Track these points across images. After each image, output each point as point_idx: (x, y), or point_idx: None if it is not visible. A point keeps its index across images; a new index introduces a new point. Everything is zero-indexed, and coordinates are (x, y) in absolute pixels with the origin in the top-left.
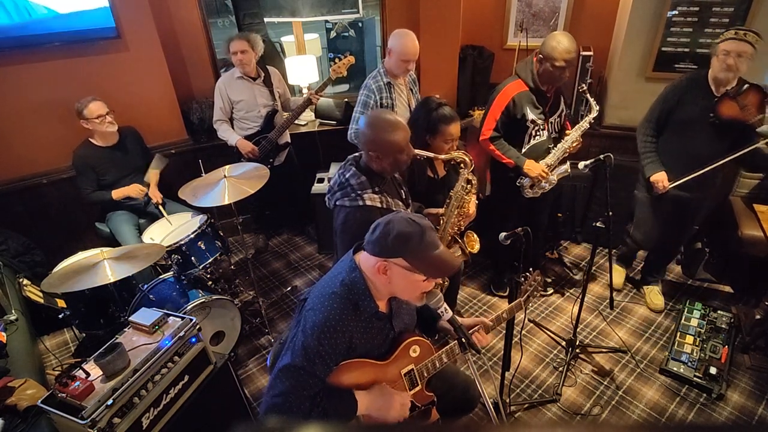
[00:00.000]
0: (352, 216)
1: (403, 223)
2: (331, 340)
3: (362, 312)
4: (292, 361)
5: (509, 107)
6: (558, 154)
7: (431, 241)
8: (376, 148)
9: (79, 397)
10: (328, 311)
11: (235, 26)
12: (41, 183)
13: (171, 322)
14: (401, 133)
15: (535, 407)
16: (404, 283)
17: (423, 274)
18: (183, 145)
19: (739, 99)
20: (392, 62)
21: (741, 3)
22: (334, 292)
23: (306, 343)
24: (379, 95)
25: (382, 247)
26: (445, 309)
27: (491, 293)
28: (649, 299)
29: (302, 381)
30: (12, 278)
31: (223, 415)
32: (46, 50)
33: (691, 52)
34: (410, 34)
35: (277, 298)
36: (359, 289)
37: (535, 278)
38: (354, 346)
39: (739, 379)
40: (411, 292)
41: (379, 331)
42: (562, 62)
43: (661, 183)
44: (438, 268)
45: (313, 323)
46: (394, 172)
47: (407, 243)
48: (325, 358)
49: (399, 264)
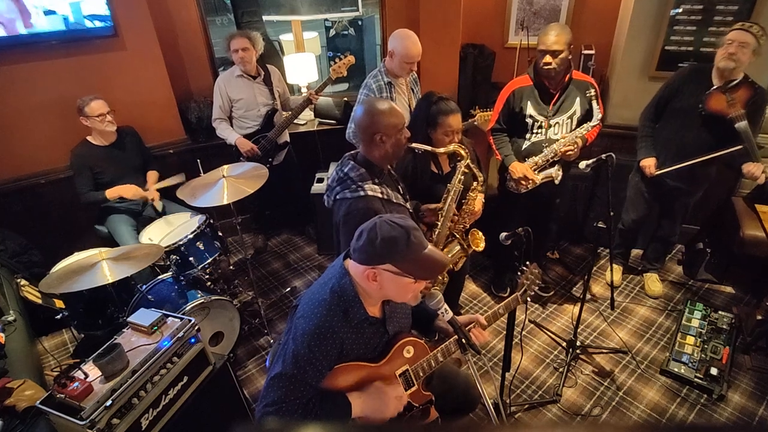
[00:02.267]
0: (355, 206)
1: (386, 227)
2: (321, 348)
3: (352, 318)
4: (283, 369)
5: (509, 100)
6: (549, 155)
7: (418, 242)
8: (379, 130)
9: (77, 397)
10: (318, 319)
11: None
12: (39, 183)
13: (170, 322)
14: (399, 112)
15: (536, 408)
16: (395, 287)
17: (412, 277)
18: (181, 145)
19: (728, 93)
20: (395, 64)
21: (745, 1)
22: (324, 299)
23: (296, 351)
24: (379, 95)
25: (369, 254)
26: (445, 310)
27: (492, 294)
28: (647, 286)
29: (294, 389)
30: (10, 279)
31: (222, 415)
32: (43, 49)
33: (695, 51)
34: (412, 36)
35: (276, 298)
36: (349, 296)
37: (532, 271)
38: (346, 352)
39: (740, 380)
40: (403, 295)
41: (372, 335)
42: (541, 46)
43: (648, 169)
44: (427, 268)
45: (303, 331)
46: (395, 156)
47: (393, 247)
48: (316, 366)
49: (387, 269)
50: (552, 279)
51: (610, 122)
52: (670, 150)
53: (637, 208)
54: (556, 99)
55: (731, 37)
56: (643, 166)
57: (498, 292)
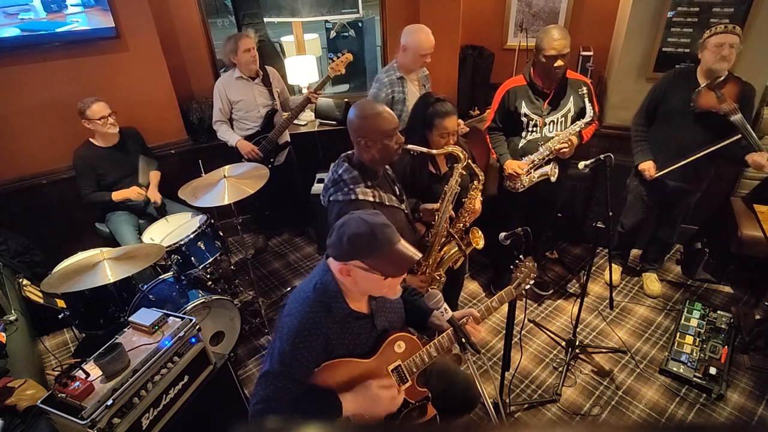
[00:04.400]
0: (345, 210)
1: (353, 224)
2: (306, 344)
3: (336, 313)
4: (270, 367)
5: (504, 99)
6: (544, 153)
7: (384, 239)
8: (364, 135)
9: (78, 397)
10: (302, 315)
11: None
12: (41, 183)
13: (171, 322)
14: (386, 117)
15: (535, 407)
16: (367, 282)
17: (380, 274)
18: (183, 145)
19: (717, 89)
20: (409, 58)
21: (741, 3)
22: (307, 296)
23: (282, 348)
24: (391, 89)
25: (338, 250)
26: (445, 309)
27: (492, 293)
28: (646, 286)
29: (282, 386)
30: (12, 278)
31: (222, 415)
32: (46, 50)
33: (691, 52)
34: (425, 28)
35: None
36: (331, 292)
37: (527, 264)
38: (331, 347)
39: (738, 379)
40: (378, 290)
41: (359, 330)
42: (551, 51)
43: (648, 172)
44: (393, 265)
45: (288, 328)
46: (384, 161)
47: (357, 244)
48: (302, 362)
49: (357, 266)
50: (551, 279)
51: (608, 123)
52: (669, 151)
53: (636, 212)
54: (551, 98)
55: (720, 41)
56: (642, 169)
57: (497, 292)
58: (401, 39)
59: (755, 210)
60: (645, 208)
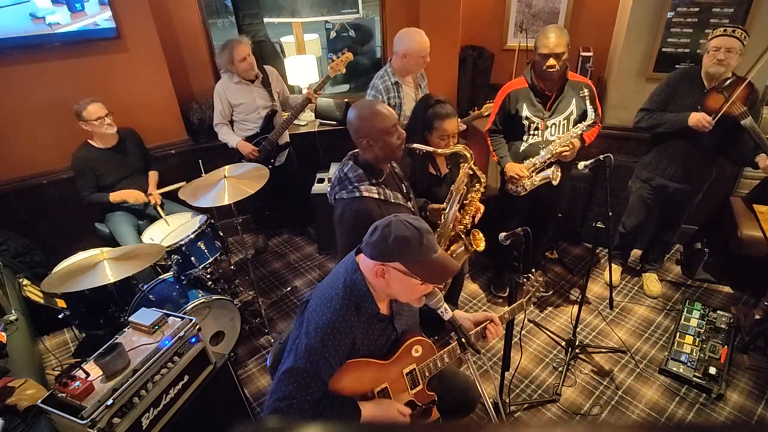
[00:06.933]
0: (349, 208)
1: (401, 226)
2: (334, 342)
3: (364, 313)
4: (295, 363)
5: (505, 102)
6: (545, 156)
7: (429, 245)
8: (365, 134)
9: (79, 397)
10: (332, 312)
11: (235, 27)
12: (41, 183)
13: (171, 322)
14: (385, 114)
15: (535, 407)
16: (401, 286)
17: (420, 279)
18: (183, 146)
19: (725, 92)
20: (412, 62)
21: (741, 4)
22: (336, 293)
23: (309, 345)
24: (386, 95)
25: (381, 250)
26: (445, 309)
27: (491, 293)
28: (646, 286)
29: (306, 384)
30: (12, 278)
31: (222, 415)
32: (46, 51)
33: (691, 52)
34: (418, 30)
35: (276, 298)
36: (360, 291)
37: (537, 279)
38: (357, 347)
39: (738, 379)
40: (409, 296)
41: (381, 331)
42: (543, 49)
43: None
44: (435, 272)
45: (316, 325)
46: (388, 158)
47: (405, 247)
48: (328, 360)
49: (396, 268)
50: (551, 279)
51: (607, 123)
52: (675, 153)
53: (638, 214)
54: (552, 100)
55: (717, 44)
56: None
57: (497, 292)
58: (396, 46)
59: (755, 210)
60: (646, 209)
